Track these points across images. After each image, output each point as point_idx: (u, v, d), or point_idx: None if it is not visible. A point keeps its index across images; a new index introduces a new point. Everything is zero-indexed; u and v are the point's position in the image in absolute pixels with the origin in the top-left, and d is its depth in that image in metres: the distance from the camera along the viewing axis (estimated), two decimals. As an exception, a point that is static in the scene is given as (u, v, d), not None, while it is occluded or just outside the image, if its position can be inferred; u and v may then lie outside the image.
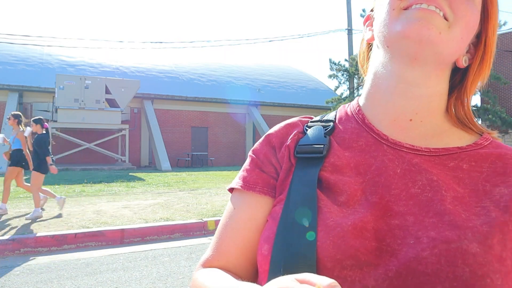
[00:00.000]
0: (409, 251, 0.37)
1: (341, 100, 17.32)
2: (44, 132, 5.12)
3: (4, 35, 13.44)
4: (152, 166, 15.69)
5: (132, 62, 17.76)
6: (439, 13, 0.41)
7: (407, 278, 0.36)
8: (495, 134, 0.49)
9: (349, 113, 0.51)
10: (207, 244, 4.10)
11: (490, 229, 0.38)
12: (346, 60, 18.33)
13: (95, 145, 14.17)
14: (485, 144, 0.47)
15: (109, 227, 4.33)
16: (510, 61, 15.59)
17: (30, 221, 4.61)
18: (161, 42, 19.05)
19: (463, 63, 0.46)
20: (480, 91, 15.49)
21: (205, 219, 4.75)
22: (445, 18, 0.42)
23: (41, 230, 4.16)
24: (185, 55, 19.22)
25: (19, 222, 4.53)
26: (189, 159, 16.44)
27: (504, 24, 16.09)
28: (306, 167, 0.45)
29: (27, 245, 3.79)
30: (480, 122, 17.38)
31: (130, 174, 11.55)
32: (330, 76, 18.72)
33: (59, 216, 4.97)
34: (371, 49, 0.52)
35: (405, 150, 0.45)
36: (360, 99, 0.52)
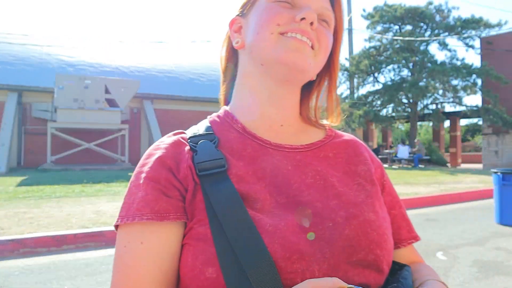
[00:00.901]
0: (334, 233, 0.45)
1: (341, 99, 17.30)
2: None
3: (3, 35, 13.43)
4: (152, 166, 15.68)
5: (132, 62, 17.74)
6: (309, 43, 0.50)
7: (340, 255, 0.44)
8: (329, 125, 0.60)
9: (223, 124, 0.54)
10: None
11: (372, 200, 0.50)
12: (346, 59, 18.32)
13: (94, 145, 14.16)
14: (334, 135, 0.59)
15: (109, 227, 4.32)
16: (511, 60, 15.55)
17: (29, 221, 4.59)
18: (161, 42, 19.04)
19: (313, 77, 0.56)
20: (481, 91, 15.36)
21: (205, 219, 4.74)
22: (312, 47, 0.50)
23: (40, 230, 4.14)
24: (185, 55, 19.20)
25: (18, 223, 4.51)
26: (189, 159, 16.41)
27: (504, 23, 16.04)
28: (216, 183, 0.45)
29: (26, 245, 3.78)
30: (481, 122, 17.23)
31: (129, 174, 11.54)
32: (330, 76, 18.67)
33: (59, 216, 4.95)
34: (232, 52, 0.57)
35: (287, 150, 0.52)
36: (232, 109, 0.56)
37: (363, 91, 18.50)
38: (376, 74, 18.06)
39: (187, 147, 0.49)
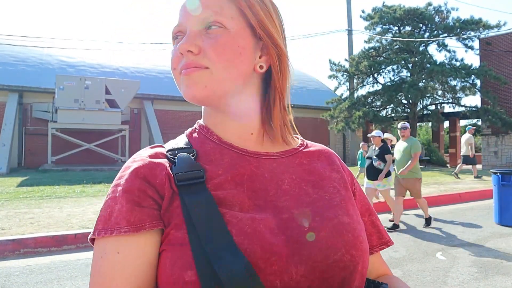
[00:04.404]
0: (310, 236, 0.46)
1: (341, 100, 17.31)
2: None
3: (4, 36, 13.44)
4: (152, 167, 15.67)
5: (132, 63, 17.75)
6: (198, 69, 0.49)
7: (317, 256, 0.45)
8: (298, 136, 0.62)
9: (200, 136, 0.56)
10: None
11: (345, 203, 0.52)
12: (346, 60, 18.33)
13: (95, 145, 14.17)
14: (306, 144, 0.60)
15: (109, 227, 4.33)
16: (510, 61, 15.58)
17: (30, 221, 4.60)
18: (161, 43, 19.06)
19: (258, 69, 0.53)
20: (480, 92, 15.28)
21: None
22: (206, 67, 0.49)
23: (41, 230, 4.15)
24: (185, 56, 19.20)
25: (19, 223, 4.52)
26: (189, 159, 16.40)
27: (503, 24, 16.07)
28: (194, 192, 0.47)
29: (27, 245, 3.79)
30: (480, 123, 17.15)
31: (130, 174, 11.52)
32: (330, 77, 18.70)
33: (59, 216, 4.96)
34: None
35: (263, 157, 0.53)
36: (205, 122, 0.57)
37: (362, 91, 18.48)
38: (375, 75, 18.08)
39: (165, 159, 0.51)
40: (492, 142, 15.99)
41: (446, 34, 16.74)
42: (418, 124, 20.26)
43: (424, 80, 16.35)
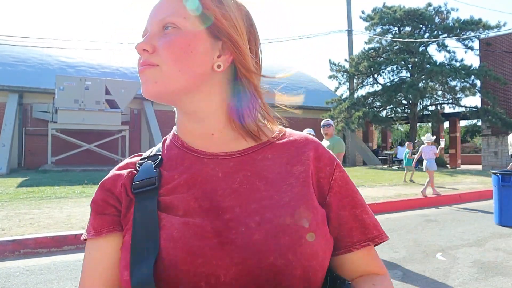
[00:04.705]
0: (244, 238, 0.46)
1: (341, 100, 17.31)
2: None
3: (4, 37, 13.45)
4: (152, 167, 15.68)
5: (132, 63, 17.75)
6: (151, 66, 0.51)
7: (251, 260, 0.45)
8: (280, 125, 0.60)
9: (170, 142, 0.59)
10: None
11: (296, 203, 0.49)
12: (346, 60, 18.34)
13: (95, 146, 14.17)
14: (280, 135, 0.58)
15: (109, 228, 4.33)
16: (509, 62, 15.58)
17: (30, 221, 4.60)
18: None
19: (216, 69, 0.53)
20: (480, 92, 15.32)
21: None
22: (157, 65, 0.51)
23: (41, 231, 4.15)
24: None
25: (19, 224, 4.52)
26: (189, 160, 16.41)
27: (503, 25, 16.08)
28: (145, 199, 0.51)
29: (27, 246, 3.79)
30: (480, 123, 17.12)
31: (130, 175, 11.53)
32: (330, 77, 18.72)
33: (59, 217, 4.96)
34: None
35: (221, 157, 0.54)
36: (176, 128, 0.60)
37: (362, 92, 18.49)
38: (375, 75, 18.09)
39: (130, 169, 0.56)
40: (492, 143, 15.99)
41: (446, 35, 16.75)
42: (418, 124, 20.27)
43: (424, 81, 16.35)
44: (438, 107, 18.26)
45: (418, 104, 17.18)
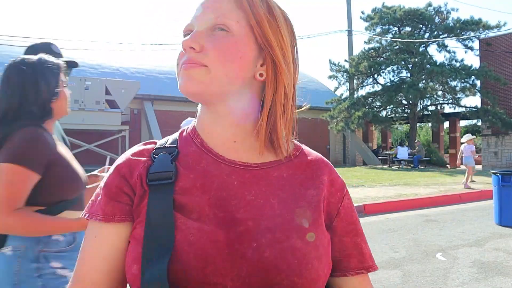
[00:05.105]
0: (254, 253, 0.47)
1: (341, 100, 17.32)
2: None
3: (4, 37, 13.46)
4: (152, 167, 15.69)
5: (132, 63, 17.78)
6: (197, 65, 0.50)
7: (255, 275, 0.46)
8: (296, 142, 0.60)
9: (188, 137, 0.58)
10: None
11: (307, 226, 0.50)
12: (346, 60, 18.34)
13: (95, 146, 14.18)
14: (297, 154, 0.58)
15: (109, 228, 4.32)
16: (509, 62, 15.59)
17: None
18: (161, 44, 19.07)
19: (258, 77, 0.54)
20: (480, 92, 15.33)
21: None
22: (205, 65, 0.50)
23: (41, 231, 4.15)
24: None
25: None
26: (189, 160, 16.41)
27: (503, 25, 16.09)
28: (160, 192, 0.51)
29: (27, 246, 3.78)
30: (480, 123, 17.13)
31: (130, 175, 11.54)
32: (330, 77, 18.72)
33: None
34: None
35: (239, 166, 0.54)
36: (196, 124, 0.58)
37: (362, 92, 18.50)
38: (375, 76, 18.09)
39: (145, 158, 0.55)
40: (492, 143, 15.99)
41: (446, 35, 16.76)
42: (418, 124, 20.28)
43: (424, 81, 16.36)
44: (438, 107, 18.26)
45: (418, 104, 17.19)
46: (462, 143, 9.57)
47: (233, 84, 0.52)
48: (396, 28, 17.97)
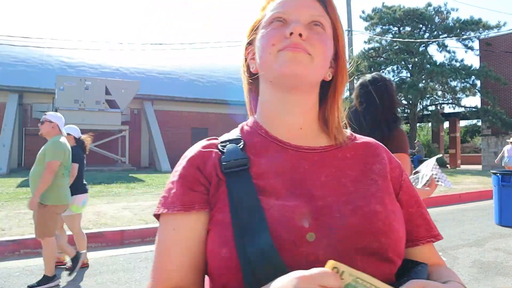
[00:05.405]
0: (339, 222, 0.51)
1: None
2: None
3: (4, 37, 13.45)
4: (152, 167, 15.69)
5: (132, 63, 17.76)
6: (303, 51, 0.55)
7: (346, 242, 0.49)
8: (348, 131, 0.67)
9: (250, 130, 0.63)
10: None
11: (382, 193, 0.56)
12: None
13: (95, 146, 14.16)
14: (353, 138, 0.64)
15: (109, 228, 4.33)
16: (509, 62, 15.58)
17: (30, 221, 4.59)
18: (160, 44, 19.05)
19: (328, 77, 0.62)
20: (480, 92, 15.36)
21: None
22: (309, 53, 0.56)
23: (41, 231, 4.15)
24: (185, 56, 19.23)
25: (19, 224, 4.52)
26: (189, 160, 16.39)
27: (503, 25, 16.08)
28: (238, 178, 0.54)
29: (27, 246, 3.79)
30: (480, 123, 17.15)
31: (130, 175, 11.55)
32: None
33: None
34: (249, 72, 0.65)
35: (305, 151, 0.59)
36: (257, 117, 0.64)
37: (362, 92, 18.41)
38: (375, 76, 18.09)
39: (215, 150, 0.59)
40: (492, 143, 15.98)
41: (446, 35, 16.75)
42: (418, 124, 20.27)
43: (424, 81, 16.35)
44: (438, 107, 18.26)
45: (418, 104, 17.19)
46: (508, 143, 10.01)
47: (321, 76, 0.59)
48: (396, 28, 17.97)
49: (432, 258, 0.60)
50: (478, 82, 16.02)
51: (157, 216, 0.56)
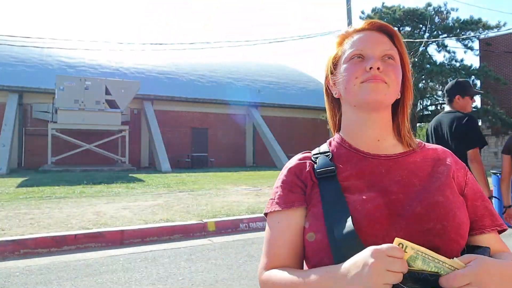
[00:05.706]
0: (409, 210, 0.65)
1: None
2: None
3: (4, 37, 13.45)
4: (152, 167, 15.69)
5: (132, 63, 17.76)
6: (381, 82, 0.70)
7: (413, 226, 0.63)
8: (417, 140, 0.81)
9: (337, 144, 0.78)
10: (207, 245, 4.09)
11: (444, 187, 0.69)
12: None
13: (95, 146, 14.18)
14: (422, 145, 0.78)
15: (109, 228, 4.33)
16: (509, 62, 15.58)
17: (30, 221, 4.60)
18: (160, 44, 19.05)
19: (398, 96, 0.76)
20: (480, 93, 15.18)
21: (205, 220, 4.75)
22: (385, 82, 0.70)
23: (40, 231, 4.15)
24: (185, 56, 19.22)
25: (19, 224, 4.52)
26: (189, 160, 16.43)
27: (503, 25, 16.08)
28: (328, 181, 0.70)
29: (26, 246, 3.79)
30: (480, 123, 17.17)
31: (130, 175, 11.55)
32: (330, 77, 18.69)
33: (59, 217, 4.96)
34: (330, 97, 0.82)
35: (382, 158, 0.73)
36: (342, 133, 0.79)
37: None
38: (375, 76, 18.08)
39: (309, 161, 0.75)
40: (492, 143, 15.99)
41: (445, 35, 16.75)
42: (418, 124, 20.27)
43: (424, 81, 16.35)
44: (438, 107, 18.26)
45: (418, 104, 17.19)
46: None
47: (395, 98, 0.74)
48: (396, 28, 17.96)
49: (497, 245, 0.70)
50: (478, 82, 16.03)
51: (266, 214, 0.73)
